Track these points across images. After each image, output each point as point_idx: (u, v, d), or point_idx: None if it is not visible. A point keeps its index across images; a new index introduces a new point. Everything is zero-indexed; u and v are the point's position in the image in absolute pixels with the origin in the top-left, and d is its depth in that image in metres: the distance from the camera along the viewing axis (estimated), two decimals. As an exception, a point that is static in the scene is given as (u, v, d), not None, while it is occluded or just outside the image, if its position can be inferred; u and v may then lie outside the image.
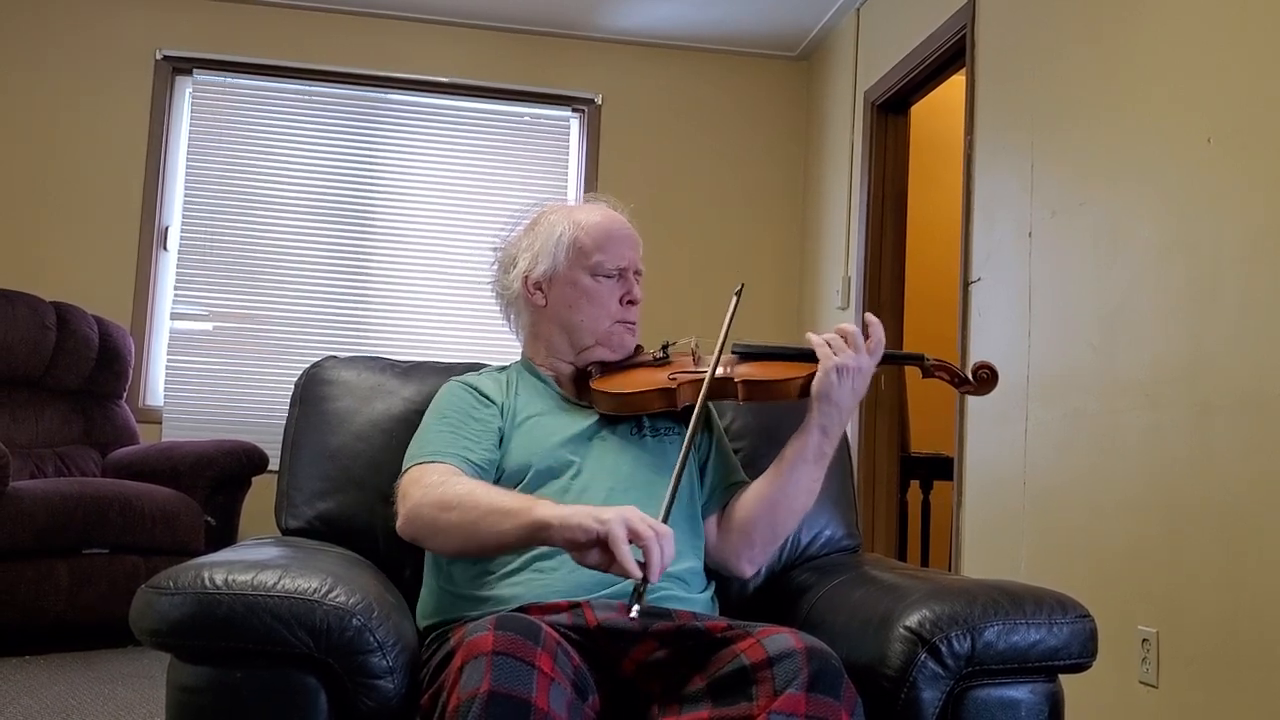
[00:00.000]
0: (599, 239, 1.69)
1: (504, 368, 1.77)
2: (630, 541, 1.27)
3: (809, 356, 1.63)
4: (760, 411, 1.86)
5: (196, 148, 4.79)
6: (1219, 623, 2.31)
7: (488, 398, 1.65)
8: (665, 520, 1.34)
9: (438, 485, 1.48)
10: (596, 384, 1.66)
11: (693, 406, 1.59)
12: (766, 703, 1.21)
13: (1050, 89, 3.12)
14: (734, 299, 1.66)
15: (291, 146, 4.86)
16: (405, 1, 4.82)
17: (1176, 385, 2.48)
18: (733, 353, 1.68)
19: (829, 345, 1.58)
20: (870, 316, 1.61)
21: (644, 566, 1.27)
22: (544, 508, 1.36)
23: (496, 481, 1.56)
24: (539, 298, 1.70)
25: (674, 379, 1.63)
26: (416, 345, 4.79)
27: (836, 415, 1.60)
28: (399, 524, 1.52)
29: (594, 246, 1.68)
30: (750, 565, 1.68)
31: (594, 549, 1.29)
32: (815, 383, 1.58)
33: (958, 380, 1.66)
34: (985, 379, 1.64)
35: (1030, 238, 3.15)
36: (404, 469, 1.57)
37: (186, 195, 4.76)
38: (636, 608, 1.26)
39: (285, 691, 1.25)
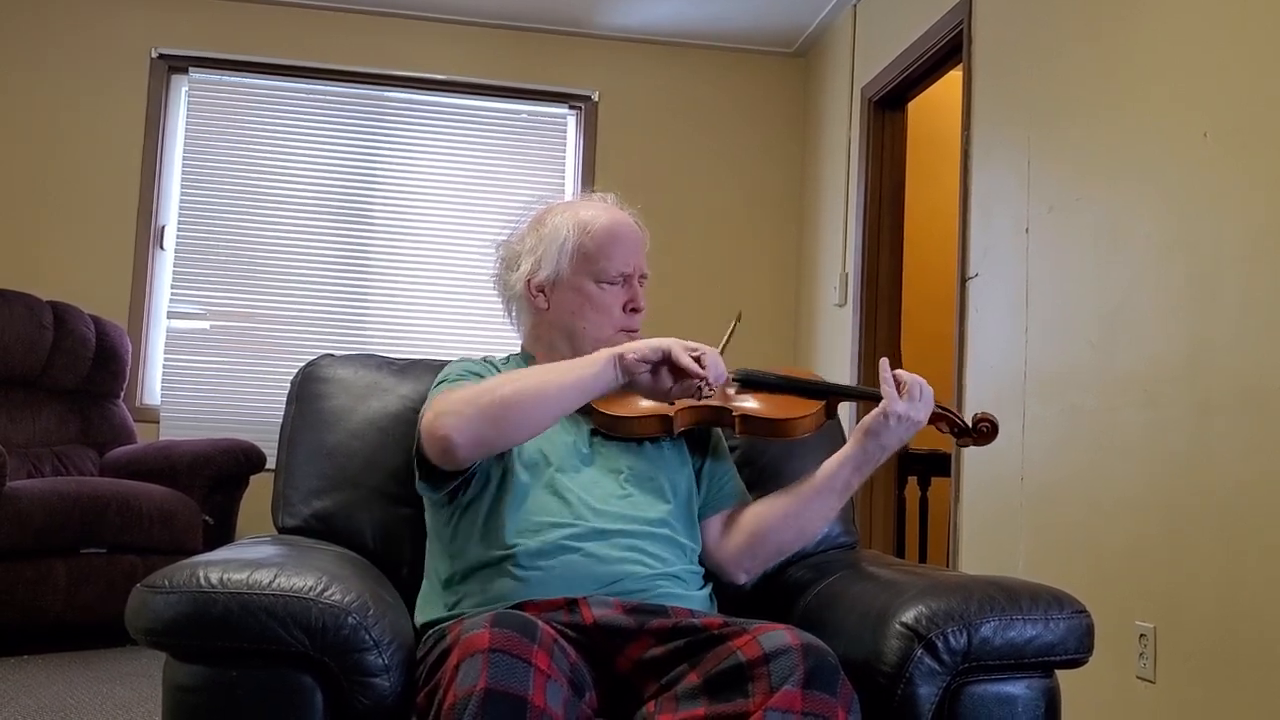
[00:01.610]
0: (604, 244, 1.66)
1: (505, 359, 1.76)
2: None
3: (815, 393, 1.61)
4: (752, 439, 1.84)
5: (193, 146, 4.78)
6: (1217, 618, 2.31)
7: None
8: (722, 351, 1.56)
9: (483, 383, 1.49)
10: (594, 400, 1.64)
11: (688, 431, 1.58)
12: (763, 699, 1.21)
13: (1047, 85, 3.11)
14: (732, 324, 1.64)
15: (287, 144, 4.85)
16: (402, -1, 4.82)
17: (1175, 382, 2.48)
18: (734, 378, 1.64)
19: (900, 385, 1.56)
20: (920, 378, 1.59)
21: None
22: (606, 349, 1.50)
23: (490, 477, 1.55)
24: (541, 301, 1.68)
25: (672, 404, 1.60)
26: (413, 343, 4.79)
27: (878, 456, 1.60)
28: (453, 424, 1.42)
29: (598, 252, 1.65)
30: (745, 575, 1.67)
31: (664, 367, 1.47)
32: (870, 420, 1.57)
33: (957, 430, 1.62)
34: (986, 431, 1.61)
35: (1028, 234, 3.15)
36: (425, 410, 1.51)
37: (183, 194, 4.75)
38: (711, 392, 1.52)
39: (281, 690, 1.25)
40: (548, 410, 1.47)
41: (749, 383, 1.64)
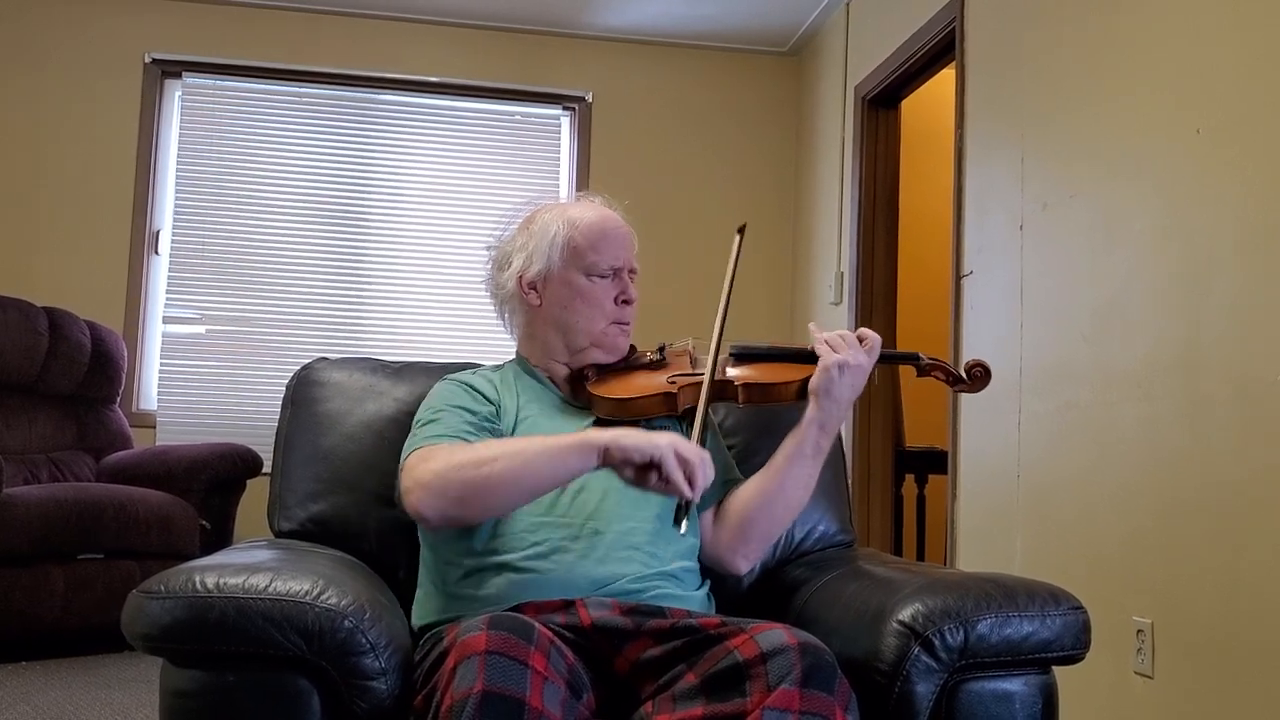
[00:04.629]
0: (593, 238, 1.68)
1: (498, 367, 1.76)
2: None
3: (806, 357, 1.64)
4: (755, 408, 1.86)
5: (187, 151, 4.78)
6: (1214, 613, 2.31)
7: (483, 395, 1.65)
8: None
9: (459, 451, 1.47)
10: (595, 388, 1.64)
11: (693, 409, 1.60)
12: (760, 699, 1.21)
13: (1040, 81, 3.12)
14: (737, 238, 1.66)
15: (281, 148, 4.85)
16: (395, 2, 4.81)
17: (1170, 376, 2.49)
18: (730, 353, 1.68)
19: (829, 344, 1.60)
20: (865, 330, 1.65)
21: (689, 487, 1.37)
22: (595, 433, 1.43)
23: None
24: (533, 298, 1.69)
25: (674, 382, 1.62)
26: (409, 346, 4.79)
27: (835, 411, 1.61)
28: (420, 500, 1.45)
29: (588, 246, 1.67)
30: (745, 562, 1.68)
31: (651, 471, 1.37)
32: (815, 379, 1.59)
33: (952, 379, 1.68)
34: (979, 376, 1.67)
35: (1022, 230, 3.15)
36: (404, 458, 1.54)
37: (177, 198, 4.75)
38: (685, 523, 1.41)
39: (278, 694, 1.25)
40: (523, 495, 1.45)
41: (744, 356, 1.69)
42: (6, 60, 4.66)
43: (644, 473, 1.38)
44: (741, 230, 1.67)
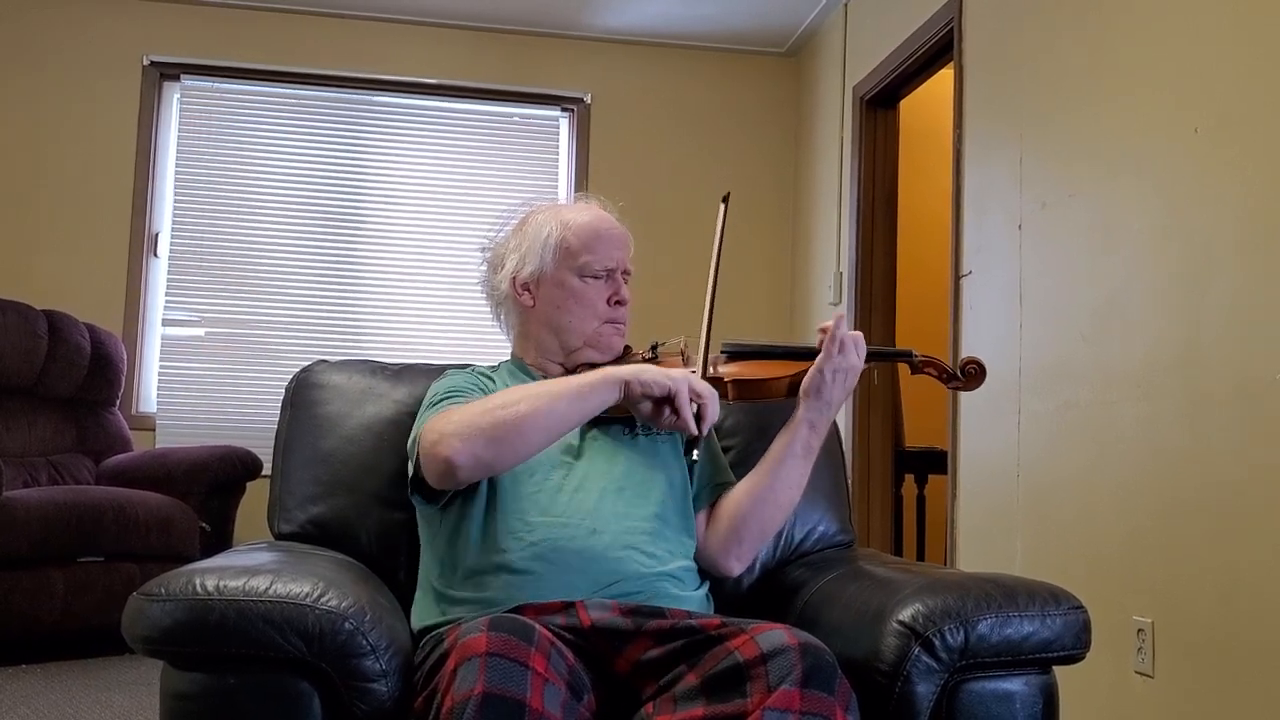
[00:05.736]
0: (586, 239, 1.68)
1: (494, 367, 1.77)
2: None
3: (797, 355, 1.65)
4: (752, 410, 1.86)
5: (185, 153, 4.78)
6: (1214, 612, 2.31)
7: (479, 388, 1.65)
8: (703, 375, 1.57)
9: (482, 401, 1.51)
10: None
11: None
12: (761, 699, 1.21)
13: (1038, 81, 3.12)
14: (722, 207, 1.67)
15: (280, 150, 4.85)
16: (393, 4, 4.81)
17: (1170, 375, 2.49)
18: (722, 351, 1.70)
19: (841, 344, 1.59)
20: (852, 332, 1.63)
21: (698, 421, 1.48)
22: (615, 368, 1.51)
23: (481, 480, 1.55)
24: (527, 298, 1.70)
25: None
26: (407, 347, 4.79)
27: (825, 411, 1.61)
28: (452, 447, 1.42)
29: (581, 247, 1.68)
30: (739, 563, 1.68)
31: (665, 404, 1.47)
32: (807, 380, 1.60)
33: (946, 375, 1.68)
34: (973, 374, 1.67)
35: (1020, 230, 3.15)
36: (417, 431, 1.53)
37: (176, 201, 4.75)
38: (696, 453, 1.55)
39: (279, 696, 1.25)
40: (551, 431, 1.48)
41: (736, 354, 1.70)
42: (6, 61, 4.66)
43: (659, 407, 1.47)
44: (726, 199, 1.68)
